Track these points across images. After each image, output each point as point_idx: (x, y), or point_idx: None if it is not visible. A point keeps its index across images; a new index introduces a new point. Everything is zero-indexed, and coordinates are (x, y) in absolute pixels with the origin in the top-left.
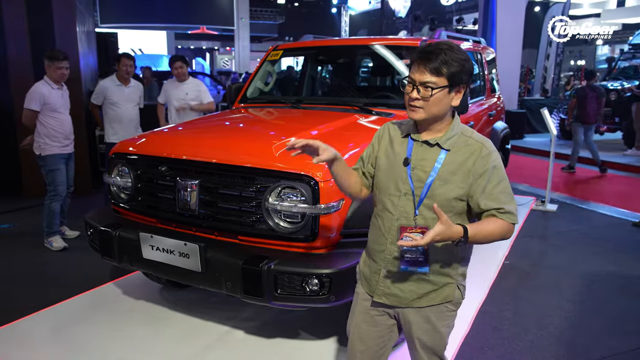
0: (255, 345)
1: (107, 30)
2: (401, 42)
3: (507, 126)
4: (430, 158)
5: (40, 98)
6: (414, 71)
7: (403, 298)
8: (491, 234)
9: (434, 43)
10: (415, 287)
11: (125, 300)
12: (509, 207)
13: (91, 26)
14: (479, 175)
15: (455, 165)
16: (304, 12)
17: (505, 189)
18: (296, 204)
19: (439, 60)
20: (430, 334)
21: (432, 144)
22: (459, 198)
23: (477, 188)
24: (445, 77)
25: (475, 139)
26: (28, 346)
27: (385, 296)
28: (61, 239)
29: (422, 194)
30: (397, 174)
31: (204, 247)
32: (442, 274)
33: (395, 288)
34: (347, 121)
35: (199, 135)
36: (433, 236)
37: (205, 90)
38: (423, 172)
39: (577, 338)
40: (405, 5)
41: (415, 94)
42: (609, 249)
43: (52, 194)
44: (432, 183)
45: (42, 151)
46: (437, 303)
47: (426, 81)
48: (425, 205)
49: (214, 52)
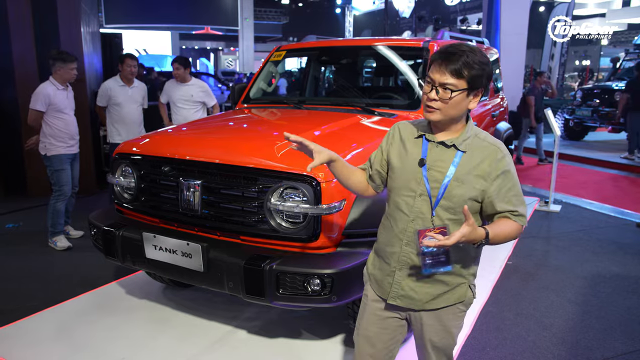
0: (258, 345)
1: (112, 31)
2: (404, 43)
3: (511, 127)
4: (446, 159)
5: (45, 99)
6: (434, 71)
7: (417, 300)
8: (508, 235)
9: (456, 44)
10: (429, 288)
11: (128, 299)
12: (522, 210)
13: (96, 27)
14: (494, 178)
15: (471, 166)
16: (308, 12)
17: (517, 192)
18: (298, 204)
19: (460, 62)
20: (442, 335)
21: (448, 145)
22: (474, 199)
23: (492, 190)
24: (466, 80)
25: (489, 141)
26: (32, 345)
27: (399, 298)
28: (65, 239)
29: (439, 194)
30: (411, 175)
31: (206, 247)
32: (456, 274)
33: (409, 290)
34: (349, 122)
35: (202, 135)
36: (459, 237)
37: (209, 92)
38: (439, 172)
39: (580, 339)
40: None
41: (434, 94)
42: (612, 250)
43: (58, 194)
44: (449, 184)
45: (48, 151)
46: (451, 304)
47: (446, 82)
48: (442, 206)
49: (218, 52)
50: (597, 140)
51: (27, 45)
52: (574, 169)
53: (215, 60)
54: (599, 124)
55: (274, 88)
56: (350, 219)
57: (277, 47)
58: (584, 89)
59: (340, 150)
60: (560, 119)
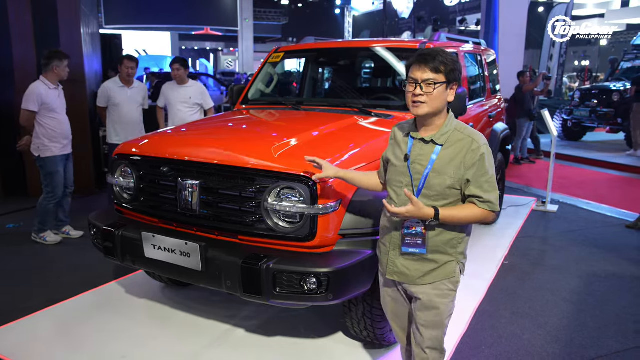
0: (256, 343)
1: (112, 32)
2: (400, 45)
3: (508, 127)
4: (426, 153)
5: (38, 98)
6: (415, 71)
7: (410, 276)
8: (465, 218)
9: (429, 48)
10: (419, 265)
11: (128, 298)
12: (487, 197)
13: (96, 28)
14: (469, 167)
15: (448, 158)
16: (307, 13)
17: (489, 179)
18: (295, 204)
19: (437, 61)
20: (430, 312)
21: (427, 141)
22: (452, 187)
23: (469, 177)
24: (444, 74)
25: (466, 134)
26: (32, 344)
27: (395, 274)
28: (53, 234)
29: (420, 184)
30: (400, 169)
31: (204, 246)
32: (443, 253)
33: (402, 267)
34: (346, 122)
35: (201, 136)
36: (403, 212)
37: (207, 94)
38: (420, 165)
39: (574, 337)
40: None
41: (419, 90)
42: (608, 249)
43: (49, 195)
44: (428, 175)
45: (41, 153)
46: (440, 279)
47: (428, 78)
48: (424, 195)
49: (218, 53)
50: (596, 140)
51: (27, 47)
52: (572, 169)
53: (214, 61)
54: (597, 124)
55: (273, 89)
56: (346, 218)
57: (275, 48)
58: (582, 89)
59: (338, 150)
60: (558, 120)
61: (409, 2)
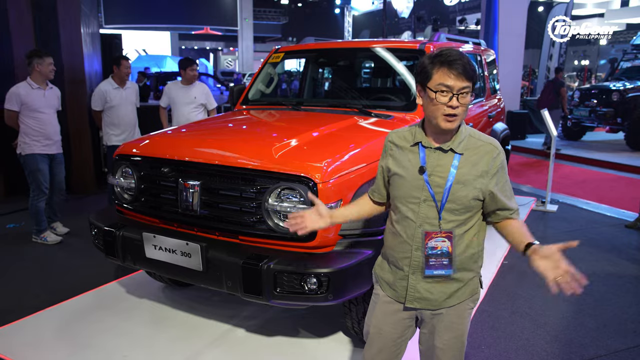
0: (256, 343)
1: (112, 32)
2: (400, 45)
3: (507, 127)
4: (445, 163)
5: (17, 98)
6: (445, 78)
7: (433, 300)
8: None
9: (446, 49)
10: (443, 287)
11: (128, 298)
12: (513, 205)
13: (96, 27)
14: (492, 175)
15: (470, 167)
16: (307, 12)
17: (510, 187)
18: (295, 204)
19: (466, 65)
20: (449, 332)
21: (445, 150)
22: (477, 198)
23: (492, 186)
24: (473, 80)
25: (484, 140)
26: (33, 344)
27: (416, 301)
28: (54, 234)
29: (443, 198)
30: (413, 183)
31: (205, 246)
32: (468, 270)
33: (425, 292)
34: (346, 123)
35: (201, 137)
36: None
37: (211, 94)
38: (440, 177)
39: (574, 337)
40: (408, 5)
41: (456, 101)
42: (607, 249)
43: (35, 193)
44: (451, 187)
45: (23, 150)
46: (465, 299)
47: (464, 87)
48: (447, 210)
49: (218, 52)
50: (595, 140)
51: (27, 47)
52: (572, 169)
53: (214, 61)
54: (597, 124)
55: (273, 89)
56: None
57: (275, 49)
58: (582, 89)
59: (338, 151)
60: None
61: (409, 2)
